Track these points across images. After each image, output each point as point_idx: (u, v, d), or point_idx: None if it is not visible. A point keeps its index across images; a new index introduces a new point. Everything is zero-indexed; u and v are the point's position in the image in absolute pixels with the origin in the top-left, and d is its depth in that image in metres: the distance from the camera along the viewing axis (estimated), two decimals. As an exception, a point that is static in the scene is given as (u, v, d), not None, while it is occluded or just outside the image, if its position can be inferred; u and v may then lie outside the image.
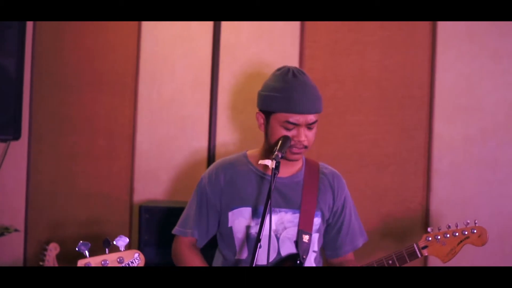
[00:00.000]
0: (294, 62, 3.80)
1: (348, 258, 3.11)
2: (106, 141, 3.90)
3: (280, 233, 2.94)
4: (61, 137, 3.91)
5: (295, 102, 2.82)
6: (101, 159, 3.90)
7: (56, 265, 3.44)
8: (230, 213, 2.95)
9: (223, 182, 2.97)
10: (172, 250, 3.07)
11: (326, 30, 3.82)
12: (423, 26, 3.77)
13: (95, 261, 2.30)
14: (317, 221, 2.98)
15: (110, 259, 2.32)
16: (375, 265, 2.93)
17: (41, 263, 3.46)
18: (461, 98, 3.78)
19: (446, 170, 3.78)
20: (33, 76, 3.88)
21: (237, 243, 2.95)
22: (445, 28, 3.75)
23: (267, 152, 2.90)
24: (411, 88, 3.81)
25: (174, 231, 3.05)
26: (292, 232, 2.94)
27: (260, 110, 2.93)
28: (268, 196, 2.61)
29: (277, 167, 2.67)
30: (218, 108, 3.85)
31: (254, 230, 2.91)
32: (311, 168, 3.04)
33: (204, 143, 3.86)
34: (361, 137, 3.82)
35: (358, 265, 2.97)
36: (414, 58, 3.80)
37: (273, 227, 2.87)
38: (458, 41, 3.76)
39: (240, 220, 2.93)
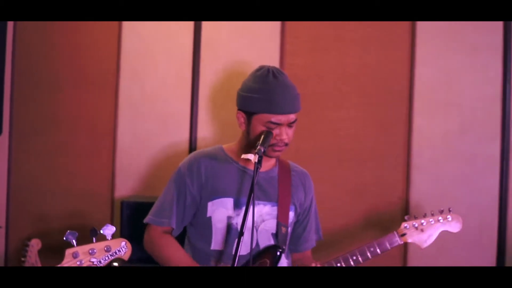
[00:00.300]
0: (275, 58, 3.82)
1: (307, 254, 3.18)
2: (87, 137, 3.89)
3: (259, 225, 2.97)
4: (42, 133, 3.89)
5: (277, 104, 2.88)
6: (83, 155, 3.89)
7: (38, 261, 3.43)
8: (210, 203, 2.97)
9: (204, 173, 2.99)
10: (145, 240, 3.06)
11: (306, 27, 3.84)
12: (402, 22, 3.79)
13: (82, 250, 2.33)
14: (291, 215, 3.04)
15: (97, 248, 2.35)
16: (357, 254, 2.98)
17: (22, 259, 3.44)
18: (441, 93, 3.81)
19: (426, 164, 3.81)
20: (14, 73, 3.86)
21: (214, 234, 2.97)
22: (424, 23, 3.77)
23: (247, 147, 2.94)
24: (391, 84, 3.84)
25: (147, 220, 3.05)
26: (270, 224, 2.98)
27: (241, 110, 2.97)
28: (251, 190, 2.64)
29: (259, 161, 2.71)
30: (200, 104, 3.86)
31: (235, 221, 2.94)
32: (283, 166, 3.11)
33: (185, 139, 3.87)
34: (341, 132, 3.84)
35: (339, 255, 3.00)
36: (394, 53, 3.83)
37: (253, 219, 2.90)
38: (437, 36, 3.79)
39: (220, 210, 2.95)
